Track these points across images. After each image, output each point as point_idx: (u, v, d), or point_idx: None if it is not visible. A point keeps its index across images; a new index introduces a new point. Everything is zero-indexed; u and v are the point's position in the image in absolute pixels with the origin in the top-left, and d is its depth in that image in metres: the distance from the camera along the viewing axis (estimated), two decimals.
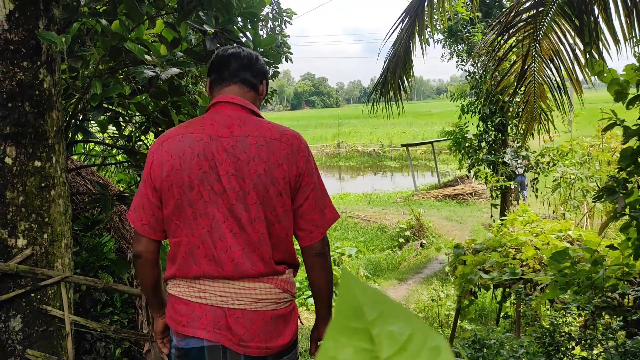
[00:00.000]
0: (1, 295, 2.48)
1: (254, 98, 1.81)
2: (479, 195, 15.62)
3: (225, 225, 1.66)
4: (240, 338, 1.67)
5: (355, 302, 0.33)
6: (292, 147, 1.70)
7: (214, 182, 1.65)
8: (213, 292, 1.68)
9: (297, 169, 1.69)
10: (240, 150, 1.66)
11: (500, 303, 5.44)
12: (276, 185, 1.66)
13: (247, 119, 1.72)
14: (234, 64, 1.80)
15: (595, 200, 3.17)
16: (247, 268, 1.66)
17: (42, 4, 2.56)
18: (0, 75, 2.42)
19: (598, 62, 3.60)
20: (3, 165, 2.45)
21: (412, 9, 4.68)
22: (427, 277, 9.25)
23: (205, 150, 1.66)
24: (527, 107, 4.94)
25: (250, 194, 1.65)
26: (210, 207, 1.66)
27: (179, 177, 1.66)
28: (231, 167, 1.65)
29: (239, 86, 1.79)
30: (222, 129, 1.69)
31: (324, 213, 1.76)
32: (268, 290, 1.70)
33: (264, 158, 1.66)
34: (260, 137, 1.68)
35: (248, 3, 3.16)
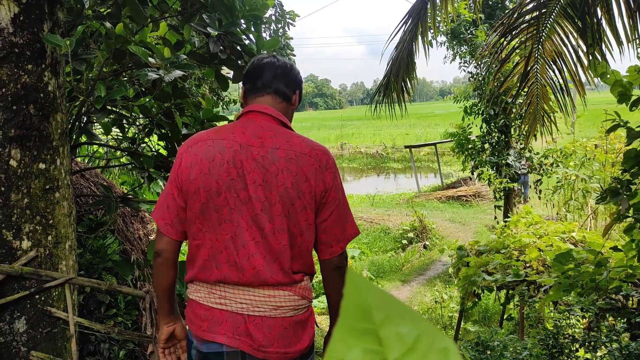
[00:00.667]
0: (6, 297, 2.49)
1: (286, 108, 1.83)
2: (482, 197, 15.60)
3: (248, 233, 1.69)
4: (260, 344, 1.70)
5: (363, 303, 0.33)
6: (320, 163, 1.73)
7: (241, 190, 1.67)
8: (233, 299, 1.71)
9: (324, 185, 1.72)
10: (270, 162, 1.68)
11: (504, 305, 5.43)
12: (302, 199, 1.69)
13: (278, 131, 1.74)
14: (267, 73, 1.81)
15: (598, 201, 3.17)
16: (267, 277, 1.69)
17: (46, 8, 2.57)
18: (5, 78, 2.44)
19: (601, 63, 3.59)
20: (8, 167, 2.46)
21: (415, 11, 4.69)
22: (430, 278, 9.24)
23: (234, 158, 1.68)
24: (530, 108, 4.93)
25: (276, 205, 1.68)
26: (235, 215, 1.68)
27: (207, 182, 1.68)
28: (259, 177, 1.67)
29: (272, 97, 1.80)
30: (253, 139, 1.70)
31: (345, 228, 1.80)
32: (287, 298, 1.73)
33: (292, 171, 1.68)
34: (290, 150, 1.70)
35: (251, 5, 3.16)
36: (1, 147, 2.45)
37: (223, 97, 8.77)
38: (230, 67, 3.32)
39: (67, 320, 2.61)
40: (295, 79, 1.86)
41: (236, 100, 9.44)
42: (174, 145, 3.57)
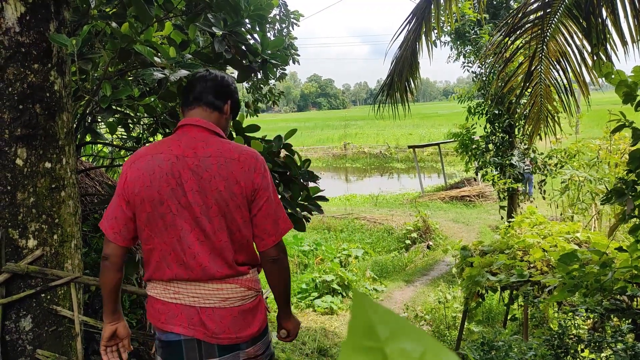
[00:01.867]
0: (12, 295, 2.51)
1: (218, 118, 2.02)
2: (486, 197, 15.56)
3: (192, 234, 1.89)
4: (213, 332, 1.91)
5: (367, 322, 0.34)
6: (249, 166, 1.92)
7: (181, 197, 1.87)
8: (186, 294, 1.92)
9: (252, 185, 1.91)
10: (203, 169, 1.88)
11: (508, 305, 5.42)
12: (235, 200, 1.89)
13: (210, 140, 1.93)
14: (198, 87, 2.01)
15: (603, 202, 3.16)
16: (213, 272, 1.90)
17: (53, 7, 2.58)
18: (12, 77, 2.45)
19: (606, 63, 3.59)
20: (14, 166, 2.47)
21: (419, 11, 4.69)
22: (434, 279, 9.23)
23: (172, 169, 1.88)
24: (534, 108, 4.92)
25: (212, 208, 1.88)
26: (178, 219, 1.88)
27: (150, 193, 1.88)
28: (195, 184, 1.87)
29: (203, 108, 2.00)
30: (187, 150, 1.90)
31: (277, 223, 1.97)
32: (234, 290, 1.94)
33: (223, 176, 1.88)
34: (220, 157, 1.90)
35: (256, 5, 3.17)
36: (7, 146, 2.46)
37: None
38: (235, 67, 3.32)
39: (72, 319, 2.62)
40: (226, 89, 2.04)
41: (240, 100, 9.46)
42: None
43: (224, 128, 2.05)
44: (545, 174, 9.61)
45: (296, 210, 3.30)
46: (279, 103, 9.72)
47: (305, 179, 3.42)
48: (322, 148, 34.79)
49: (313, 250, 10.44)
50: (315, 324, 7.00)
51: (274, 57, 3.27)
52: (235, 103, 2.09)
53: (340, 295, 8.26)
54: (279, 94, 8.92)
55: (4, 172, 2.46)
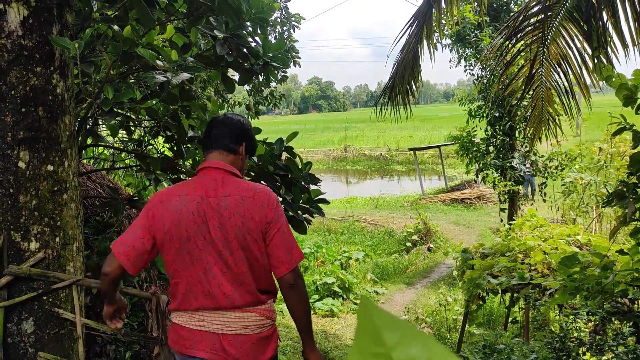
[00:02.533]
0: (14, 298, 2.51)
1: (234, 160, 2.22)
2: (487, 200, 15.56)
3: (216, 267, 2.08)
4: (233, 356, 2.08)
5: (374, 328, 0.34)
6: (262, 202, 2.12)
7: (205, 233, 2.07)
8: (210, 321, 2.10)
9: (266, 219, 2.11)
10: (223, 208, 2.08)
11: (509, 308, 5.42)
12: (251, 233, 2.09)
13: (229, 181, 2.15)
14: (215, 132, 2.23)
15: (605, 205, 3.16)
16: (236, 300, 2.09)
17: (55, 11, 2.59)
18: (14, 80, 2.46)
19: (606, 66, 3.59)
20: (17, 169, 2.48)
21: (421, 14, 4.70)
22: (434, 281, 9.23)
23: (198, 209, 2.08)
24: (535, 111, 4.93)
25: (232, 242, 2.07)
26: (204, 254, 2.08)
27: (179, 231, 2.07)
28: (217, 221, 2.07)
29: (220, 152, 2.21)
30: (210, 191, 2.11)
31: (291, 253, 2.15)
32: (254, 318, 2.13)
33: (241, 213, 2.08)
34: (238, 195, 2.10)
35: (258, 8, 3.18)
36: (10, 149, 2.47)
37: (228, 99, 8.80)
38: (236, 70, 3.33)
39: (74, 322, 2.63)
40: (240, 133, 2.25)
41: (241, 103, 9.47)
42: (180, 148, 3.58)
43: (240, 167, 2.26)
44: (546, 176, 9.61)
45: (297, 212, 3.31)
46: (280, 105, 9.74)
47: (307, 182, 3.42)
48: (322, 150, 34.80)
49: (314, 252, 10.45)
50: (316, 326, 7.00)
51: (275, 59, 3.28)
52: (250, 144, 2.30)
53: (341, 297, 8.26)
54: (280, 96, 8.93)
55: (6, 175, 2.47)
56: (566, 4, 3.83)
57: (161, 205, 2.12)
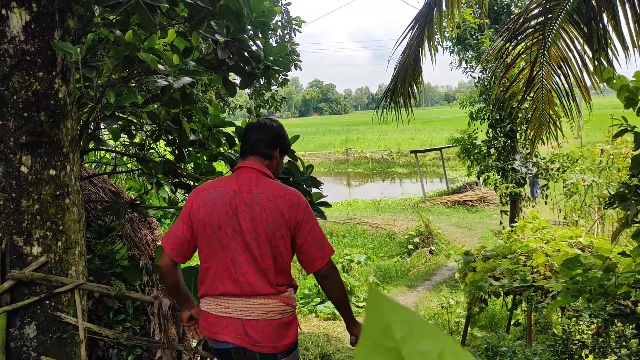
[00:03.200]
0: (16, 302, 2.51)
1: (269, 164, 2.40)
2: (488, 202, 15.54)
3: (243, 256, 2.24)
4: (256, 340, 2.24)
5: (383, 321, 0.33)
6: (292, 202, 2.27)
7: (236, 224, 2.24)
8: (234, 308, 2.26)
9: (295, 219, 2.26)
10: (255, 203, 2.25)
11: (511, 310, 5.41)
12: (280, 230, 2.24)
13: (262, 180, 2.31)
14: (252, 138, 2.40)
15: (607, 207, 3.16)
16: (259, 288, 2.24)
17: (57, 16, 2.60)
18: (17, 85, 2.47)
19: (607, 68, 3.59)
20: (19, 174, 2.49)
21: (422, 17, 4.70)
22: (436, 283, 9.21)
23: (231, 201, 2.25)
24: (536, 113, 4.93)
25: (261, 236, 2.23)
26: (232, 243, 2.24)
27: (211, 219, 2.25)
28: (248, 215, 2.23)
29: (257, 157, 2.38)
30: (243, 187, 2.29)
31: (323, 248, 2.32)
32: (275, 305, 2.27)
33: (272, 210, 2.24)
34: (270, 194, 2.27)
35: (259, 12, 3.18)
36: (12, 154, 2.48)
37: (229, 102, 8.81)
38: (237, 73, 3.34)
39: (76, 326, 2.63)
40: (275, 139, 2.41)
41: (242, 106, 9.48)
42: (182, 151, 3.59)
43: (275, 170, 2.44)
44: (547, 178, 9.60)
45: None
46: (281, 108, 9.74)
47: (308, 185, 3.43)
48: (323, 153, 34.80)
49: None
50: (318, 329, 6.99)
51: (276, 63, 3.28)
52: (283, 147, 2.48)
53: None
54: (281, 99, 8.94)
55: (8, 180, 2.47)
56: (566, 6, 3.84)
57: (198, 196, 2.32)
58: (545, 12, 3.97)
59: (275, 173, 2.44)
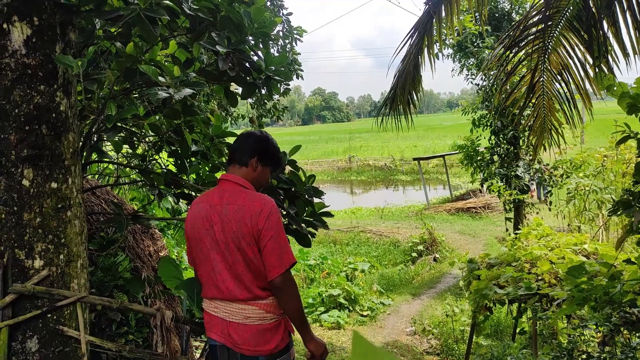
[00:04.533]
0: (18, 316, 2.51)
1: (247, 172, 2.53)
2: (492, 209, 15.50)
3: (221, 264, 2.41)
4: (236, 342, 2.40)
5: None
6: (255, 210, 2.37)
7: (212, 235, 2.42)
8: (221, 309, 2.45)
9: (257, 226, 2.36)
10: (224, 214, 2.40)
11: (516, 318, 5.38)
12: (245, 238, 2.36)
13: (234, 191, 2.46)
14: (232, 147, 2.60)
15: (611, 214, 3.14)
16: (237, 294, 2.40)
17: (58, 29, 2.61)
18: (18, 99, 2.47)
19: (607, 75, 3.59)
20: (21, 187, 2.49)
21: (421, 25, 4.71)
22: (441, 291, 9.17)
23: (207, 214, 2.44)
24: (538, 120, 4.92)
25: (230, 244, 2.38)
26: (212, 253, 2.43)
27: (194, 232, 2.48)
28: (220, 226, 2.40)
29: (234, 165, 2.55)
30: (217, 199, 2.46)
31: (282, 257, 2.38)
32: (254, 311, 2.41)
33: (237, 219, 2.37)
34: (236, 204, 2.41)
35: (260, 23, 3.19)
36: (14, 167, 2.48)
37: (231, 112, 8.83)
38: (239, 84, 3.34)
39: (78, 339, 2.62)
40: (253, 146, 2.54)
41: (244, 116, 9.50)
42: (184, 162, 3.59)
43: (254, 178, 2.54)
44: (551, 184, 9.57)
45: (301, 226, 3.30)
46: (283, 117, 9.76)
47: (310, 195, 3.42)
48: (326, 161, 34.83)
49: (319, 264, 10.41)
50: (322, 339, 6.94)
51: (277, 73, 3.29)
52: (265, 156, 2.56)
53: (347, 309, 8.21)
54: (283, 109, 8.96)
55: (10, 193, 2.48)
56: (566, 14, 3.84)
57: (190, 211, 2.57)
58: (545, 19, 3.97)
59: (256, 183, 2.55)
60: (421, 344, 6.93)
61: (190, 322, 3.21)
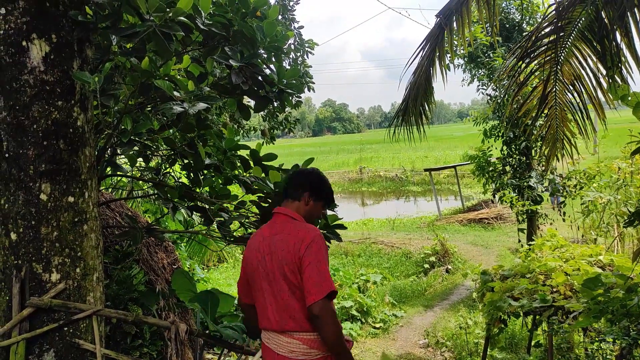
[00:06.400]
0: (35, 329, 2.53)
1: (298, 205, 2.62)
2: (505, 219, 15.38)
3: (270, 294, 2.47)
4: None
5: None
6: (298, 238, 2.43)
7: (264, 266, 2.49)
8: (271, 341, 2.50)
9: (299, 253, 2.40)
10: (273, 244, 2.48)
11: (531, 331, 5.32)
12: (289, 265, 2.40)
13: (283, 222, 2.55)
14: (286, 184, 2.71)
15: (627, 225, 3.12)
16: (283, 324, 2.43)
17: (76, 46, 2.66)
18: (37, 114, 2.52)
19: (622, 85, 3.57)
20: (38, 201, 2.53)
21: (432, 37, 4.73)
22: (454, 303, 9.09)
23: (259, 246, 2.54)
24: (550, 131, 4.90)
25: (276, 273, 2.44)
26: (263, 283, 2.50)
27: (249, 264, 2.58)
28: (269, 256, 2.48)
29: (287, 201, 2.65)
30: (268, 231, 2.56)
31: (320, 285, 2.36)
32: (298, 346, 2.42)
33: (283, 249, 2.43)
34: (283, 234, 2.49)
35: (272, 37, 3.23)
36: (32, 182, 2.52)
37: (243, 125, 8.89)
38: (252, 97, 3.37)
39: (94, 352, 2.63)
40: (304, 182, 2.65)
41: (256, 128, 9.55)
42: (197, 175, 3.62)
43: (306, 212, 2.63)
44: (564, 195, 9.49)
45: None
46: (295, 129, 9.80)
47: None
48: (337, 172, 34.82)
49: (331, 276, 10.36)
50: None
51: (289, 86, 3.32)
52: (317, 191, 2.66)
53: (360, 321, 8.17)
54: (295, 121, 9.00)
55: (28, 208, 2.51)
56: (578, 25, 3.84)
57: (248, 243, 2.66)
58: (557, 30, 3.97)
59: (307, 216, 2.63)
60: (434, 356, 6.86)
61: (204, 335, 3.22)
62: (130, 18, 3.01)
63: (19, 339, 2.49)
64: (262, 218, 3.57)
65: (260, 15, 3.26)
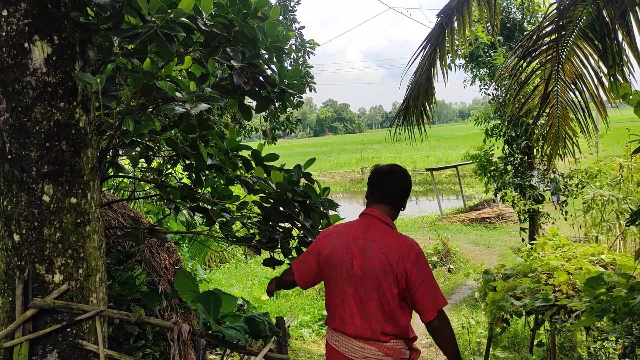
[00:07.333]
0: (38, 330, 2.54)
1: (391, 210, 2.55)
2: (506, 219, 15.37)
3: (352, 298, 2.43)
4: None
5: None
6: (402, 253, 2.37)
7: (349, 268, 2.44)
8: (342, 344, 2.47)
9: (404, 270, 2.35)
10: (368, 250, 2.41)
11: (534, 330, 5.31)
12: (387, 278, 2.36)
13: (379, 228, 2.47)
14: (387, 186, 2.54)
15: (629, 223, 3.12)
16: (360, 332, 2.41)
17: (78, 47, 2.67)
18: (39, 116, 2.52)
19: (623, 84, 3.57)
20: (41, 202, 2.53)
21: (433, 37, 4.73)
22: (456, 303, 9.08)
23: (347, 246, 2.47)
24: (552, 129, 4.90)
25: (368, 281, 2.39)
26: (345, 284, 2.45)
27: (330, 261, 2.51)
28: (360, 260, 2.41)
29: (383, 204, 2.53)
30: (360, 233, 2.48)
31: (434, 300, 2.38)
32: (373, 352, 2.40)
33: (381, 258, 2.37)
34: (382, 242, 2.41)
35: (273, 38, 3.23)
36: (34, 183, 2.52)
37: (245, 125, 8.90)
38: (253, 98, 3.37)
39: (97, 353, 2.64)
40: (402, 187, 2.55)
41: (258, 129, 9.56)
42: (199, 176, 3.62)
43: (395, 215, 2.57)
44: (566, 194, 9.48)
45: None
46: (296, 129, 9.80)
47: (325, 207, 3.43)
48: (339, 172, 34.83)
49: None
50: None
51: (291, 87, 3.32)
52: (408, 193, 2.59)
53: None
54: (296, 121, 9.01)
55: (31, 209, 2.52)
56: (579, 23, 3.83)
57: (325, 238, 2.60)
58: (558, 29, 3.97)
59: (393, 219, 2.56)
60: (437, 356, 6.86)
61: (207, 335, 3.22)
62: (131, 19, 3.01)
63: (22, 340, 2.50)
64: (264, 218, 3.57)
65: (262, 16, 3.27)
